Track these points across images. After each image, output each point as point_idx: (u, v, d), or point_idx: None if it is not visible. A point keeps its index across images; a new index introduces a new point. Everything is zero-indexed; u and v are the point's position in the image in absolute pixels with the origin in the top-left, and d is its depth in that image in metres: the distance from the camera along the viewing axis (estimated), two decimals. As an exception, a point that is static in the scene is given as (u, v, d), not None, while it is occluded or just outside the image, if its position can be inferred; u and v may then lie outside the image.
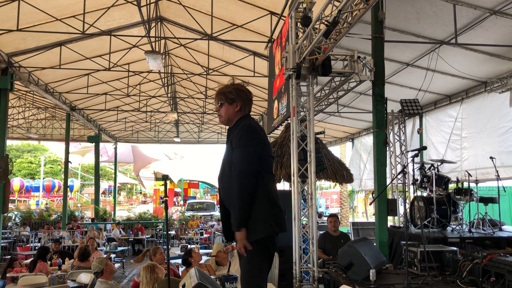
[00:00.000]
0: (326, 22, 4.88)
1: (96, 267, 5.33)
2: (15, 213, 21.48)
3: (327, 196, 36.16)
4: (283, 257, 6.62)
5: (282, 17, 8.43)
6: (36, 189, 38.18)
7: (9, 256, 11.03)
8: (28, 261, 9.45)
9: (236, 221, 3.04)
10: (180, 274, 6.63)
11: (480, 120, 10.14)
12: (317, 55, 6.02)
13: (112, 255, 11.33)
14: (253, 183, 3.04)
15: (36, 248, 11.12)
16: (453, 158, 10.59)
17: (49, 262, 8.68)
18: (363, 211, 30.38)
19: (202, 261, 6.90)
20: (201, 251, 10.58)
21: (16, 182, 34.60)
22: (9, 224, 18.53)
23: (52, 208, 24.57)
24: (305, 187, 6.63)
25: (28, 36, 11.13)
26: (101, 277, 5.27)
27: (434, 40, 8.56)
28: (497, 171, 7.96)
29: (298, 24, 6.58)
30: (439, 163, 8.57)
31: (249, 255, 3.07)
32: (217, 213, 24.96)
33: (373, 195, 8.19)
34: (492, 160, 8.10)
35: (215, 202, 29.51)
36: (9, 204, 12.57)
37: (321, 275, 6.19)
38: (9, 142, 25.19)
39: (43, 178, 38.77)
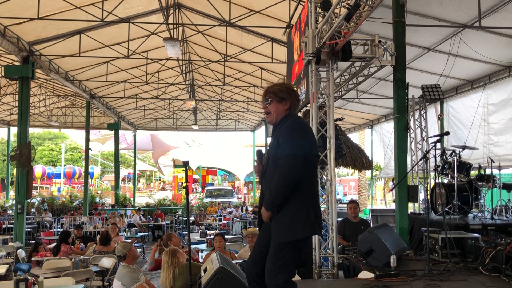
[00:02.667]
0: (347, 6, 4.80)
1: (120, 251, 5.41)
2: (38, 199, 21.97)
3: (345, 183, 36.02)
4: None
5: (301, 2, 8.34)
6: (58, 176, 38.88)
7: (33, 241, 11.30)
8: (52, 245, 9.67)
9: (271, 204, 3.08)
10: (201, 259, 6.72)
11: (504, 106, 9.93)
12: (337, 40, 5.94)
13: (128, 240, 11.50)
14: (298, 178, 3.05)
15: (59, 233, 11.37)
16: (476, 144, 10.42)
17: (72, 247, 8.88)
18: (382, 198, 30.23)
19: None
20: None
21: (38, 169, 35.29)
22: (32, 210, 18.97)
23: (75, 194, 25.07)
24: (324, 174, 6.60)
25: (48, 24, 11.24)
26: (123, 261, 5.35)
27: (456, 24, 8.37)
28: (521, 158, 7.81)
29: (318, 8, 6.49)
30: (460, 149, 8.44)
31: (281, 256, 3.04)
32: (235, 199, 25.14)
33: (394, 181, 8.12)
34: (516, 146, 7.96)
35: (233, 189, 29.72)
36: (32, 190, 12.84)
37: (340, 261, 6.18)
38: (30, 130, 25.64)
39: (64, 165, 39.43)
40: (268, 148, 3.38)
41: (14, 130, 23.34)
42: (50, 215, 17.80)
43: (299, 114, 10.74)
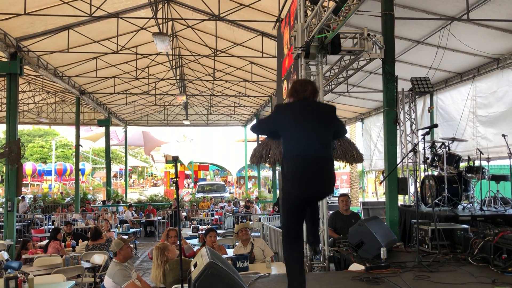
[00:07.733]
0: (335, -1, 4.80)
1: (113, 247, 5.38)
2: (29, 196, 21.82)
3: (336, 177, 36.11)
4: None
5: (290, -4, 8.31)
6: (48, 173, 38.63)
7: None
8: (43, 243, 9.62)
9: None
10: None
11: (493, 98, 9.99)
12: (326, 33, 5.94)
13: (125, 237, 11.45)
14: None
15: (50, 230, 11.31)
16: (465, 136, 10.49)
17: (63, 244, 8.84)
18: (373, 191, 30.40)
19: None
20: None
21: (28, 167, 35.00)
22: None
23: (66, 191, 24.94)
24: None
25: (36, 20, 11.11)
26: (115, 258, 5.33)
27: (445, 17, 8.39)
28: (509, 149, 7.87)
29: (307, 2, 6.48)
30: (450, 142, 8.48)
31: None
32: (227, 194, 25.13)
33: (384, 174, 8.15)
34: (504, 138, 8.01)
35: (225, 184, 29.71)
36: (23, 188, 12.73)
37: (331, 254, 6.21)
38: (20, 127, 25.40)
39: (55, 162, 39.15)
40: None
41: (2, 127, 23.12)
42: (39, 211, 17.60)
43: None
